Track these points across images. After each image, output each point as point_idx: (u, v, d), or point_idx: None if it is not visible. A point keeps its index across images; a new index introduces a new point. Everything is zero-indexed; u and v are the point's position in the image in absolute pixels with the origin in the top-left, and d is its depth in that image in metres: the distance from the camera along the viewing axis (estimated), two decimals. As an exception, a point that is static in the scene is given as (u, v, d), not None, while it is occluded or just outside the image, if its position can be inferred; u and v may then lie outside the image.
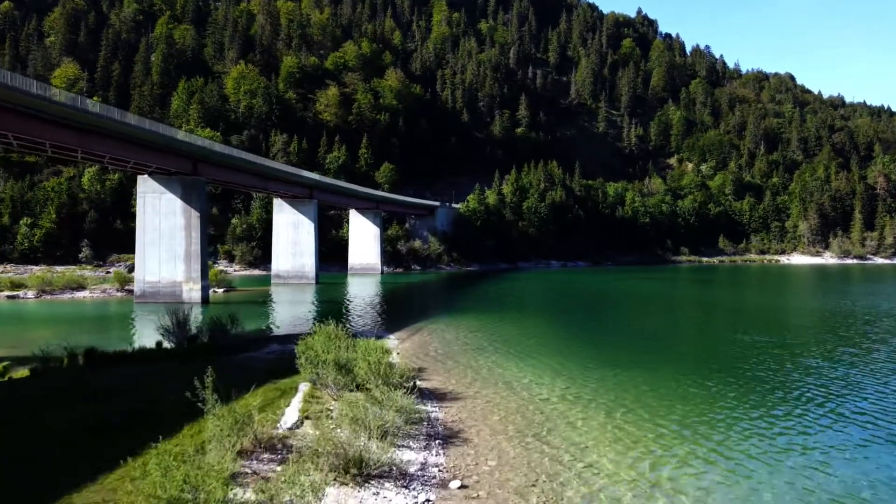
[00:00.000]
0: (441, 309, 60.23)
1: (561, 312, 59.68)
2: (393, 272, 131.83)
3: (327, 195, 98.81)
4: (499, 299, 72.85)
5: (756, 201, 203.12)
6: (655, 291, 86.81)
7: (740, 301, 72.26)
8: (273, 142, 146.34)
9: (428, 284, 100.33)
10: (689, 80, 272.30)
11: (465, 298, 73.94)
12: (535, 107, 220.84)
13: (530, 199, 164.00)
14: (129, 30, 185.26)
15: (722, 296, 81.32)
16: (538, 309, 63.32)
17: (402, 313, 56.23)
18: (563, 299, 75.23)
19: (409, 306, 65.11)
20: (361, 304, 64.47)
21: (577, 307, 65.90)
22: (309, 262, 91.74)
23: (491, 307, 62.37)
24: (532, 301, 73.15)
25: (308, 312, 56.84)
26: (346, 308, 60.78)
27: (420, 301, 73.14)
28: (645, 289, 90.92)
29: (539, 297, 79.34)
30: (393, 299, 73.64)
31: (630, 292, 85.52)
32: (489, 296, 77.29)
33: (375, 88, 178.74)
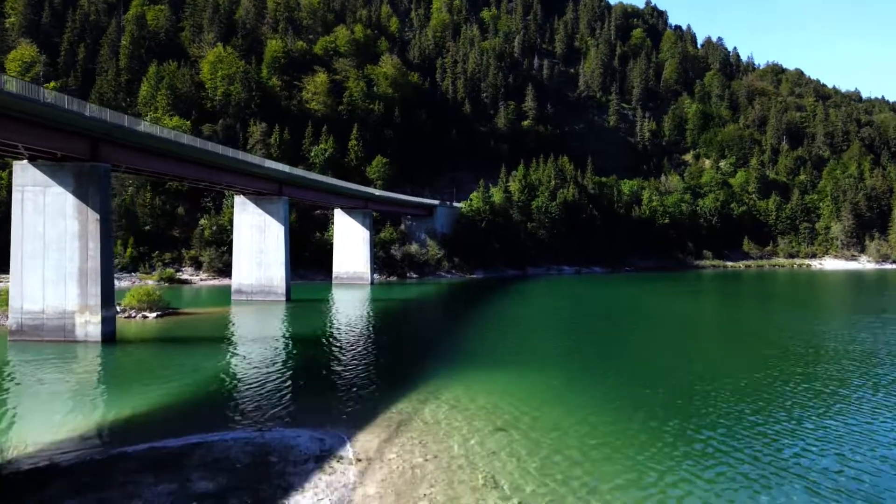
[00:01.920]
0: (438, 357, 41.57)
1: (622, 370, 41.14)
2: (386, 280, 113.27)
3: (301, 191, 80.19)
4: (516, 331, 54.27)
5: (783, 200, 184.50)
6: (716, 319, 68.27)
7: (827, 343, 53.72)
8: (251, 132, 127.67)
9: (425, 302, 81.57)
10: (703, 73, 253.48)
11: (471, 331, 55.32)
12: (541, 99, 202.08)
13: (540, 197, 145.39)
14: (102, 11, 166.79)
15: (797, 326, 62.80)
16: (582, 355, 44.71)
17: (382, 367, 37.61)
18: (608, 336, 56.57)
19: (395, 348, 46.46)
20: (328, 343, 45.91)
21: (630, 348, 47.35)
22: (277, 274, 73.16)
23: (508, 351, 43.86)
24: (564, 334, 54.55)
25: (238, 366, 38.28)
26: (302, 353, 42.24)
27: (411, 336, 54.30)
28: (696, 312, 72.45)
29: (568, 324, 60.77)
30: (376, 331, 54.97)
31: (681, 318, 66.93)
32: (502, 325, 58.67)
33: (369, 76, 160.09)
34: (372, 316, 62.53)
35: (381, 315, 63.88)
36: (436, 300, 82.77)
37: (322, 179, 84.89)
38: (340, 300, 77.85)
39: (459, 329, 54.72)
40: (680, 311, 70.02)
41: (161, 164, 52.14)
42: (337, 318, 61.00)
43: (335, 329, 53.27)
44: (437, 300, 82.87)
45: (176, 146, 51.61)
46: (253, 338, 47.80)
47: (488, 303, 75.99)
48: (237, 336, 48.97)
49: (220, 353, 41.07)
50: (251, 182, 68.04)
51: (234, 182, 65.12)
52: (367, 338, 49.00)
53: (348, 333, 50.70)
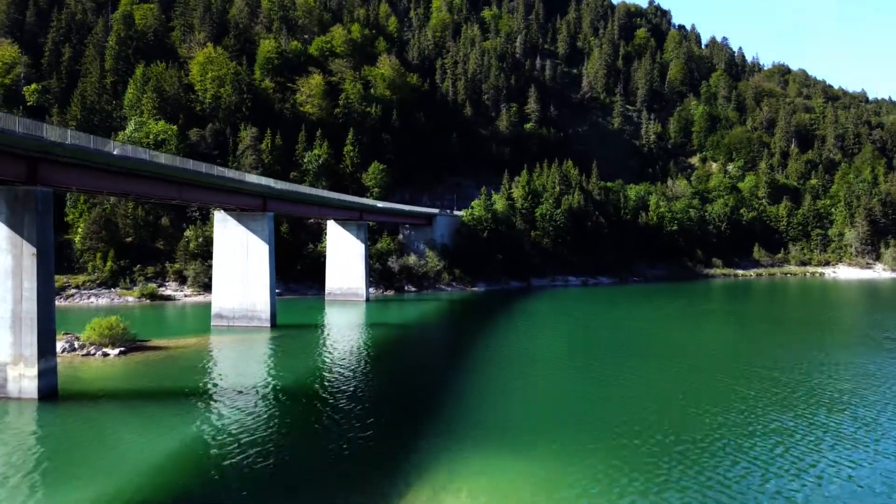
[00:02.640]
0: (434, 425, 34.76)
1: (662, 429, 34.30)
2: (382, 295, 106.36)
3: (289, 205, 73.39)
4: (533, 367, 47.44)
5: (794, 206, 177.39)
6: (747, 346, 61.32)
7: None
8: (241, 137, 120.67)
9: (425, 325, 74.55)
10: (708, 74, 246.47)
11: (476, 369, 48.48)
12: (544, 100, 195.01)
13: (545, 204, 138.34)
14: (89, 10, 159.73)
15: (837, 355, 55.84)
16: (601, 423, 37.92)
17: (369, 445, 30.69)
18: (626, 388, 49.66)
19: (387, 408, 39.61)
20: (311, 398, 39.07)
21: (656, 413, 40.52)
22: (262, 297, 66.24)
23: (524, 405, 37.05)
24: (577, 387, 47.67)
25: (203, 443, 31.46)
26: (280, 418, 35.30)
27: (406, 388, 47.27)
28: (717, 349, 65.62)
29: (579, 369, 53.84)
30: (366, 379, 48.07)
31: (703, 359, 60.08)
32: (511, 359, 51.80)
33: (366, 77, 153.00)
34: (363, 354, 55.22)
35: (374, 353, 56.63)
36: (434, 326, 75.67)
37: (311, 192, 77.88)
38: (331, 326, 70.90)
39: (458, 377, 47.71)
40: (698, 346, 63.22)
41: (117, 183, 45.14)
42: (324, 357, 53.73)
43: (321, 375, 46.22)
44: (435, 326, 75.79)
45: (135, 163, 44.63)
46: (227, 389, 40.76)
47: (490, 330, 69.07)
48: (209, 386, 41.87)
49: (183, 417, 34.13)
50: (231, 198, 61.14)
51: (211, 199, 58.30)
52: (356, 390, 41.97)
53: (335, 383, 43.57)
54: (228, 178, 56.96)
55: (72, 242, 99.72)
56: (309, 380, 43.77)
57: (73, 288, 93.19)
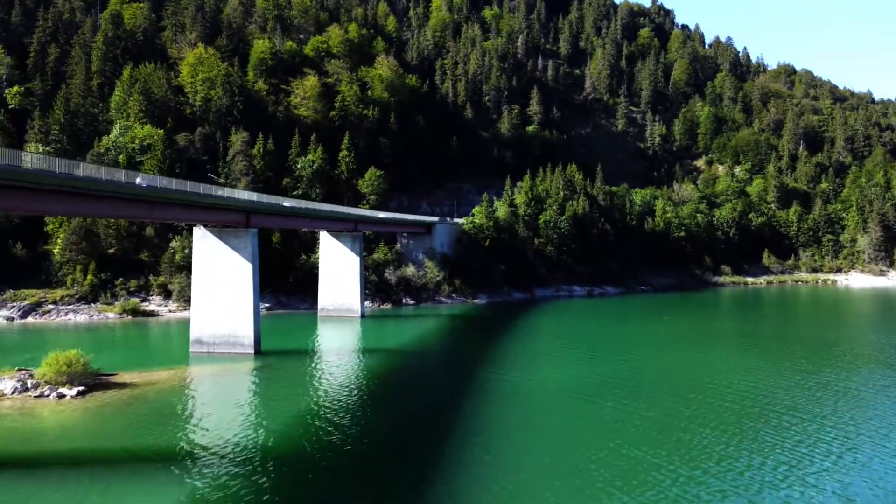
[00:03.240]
0: (441, 490, 28.99)
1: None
2: (379, 309, 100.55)
3: (275, 220, 67.64)
4: (542, 414, 41.63)
5: (804, 210, 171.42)
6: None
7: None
8: (231, 141, 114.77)
9: (423, 352, 68.47)
10: (713, 74, 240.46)
11: (481, 414, 42.68)
12: (546, 102, 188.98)
13: (548, 210, 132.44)
14: (78, 9, 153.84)
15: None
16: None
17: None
18: (639, 434, 43.76)
19: (382, 459, 33.87)
20: (296, 453, 33.19)
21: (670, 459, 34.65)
22: (244, 321, 60.36)
23: (533, 469, 31.22)
24: (596, 413, 41.80)
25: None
26: (251, 491, 29.39)
27: (402, 431, 41.33)
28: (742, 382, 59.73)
29: (596, 389, 47.96)
30: (361, 416, 42.30)
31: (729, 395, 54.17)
32: (516, 400, 46.01)
33: (363, 79, 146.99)
34: (356, 394, 48.77)
35: (368, 392, 50.29)
36: (433, 353, 69.50)
37: (299, 206, 71.84)
38: (321, 352, 64.95)
39: (460, 426, 41.87)
40: (722, 382, 57.42)
41: (75, 204, 39.27)
42: (312, 398, 47.44)
43: (309, 424, 40.09)
44: (434, 353, 69.63)
45: (86, 183, 38.71)
46: (197, 448, 34.65)
47: (491, 359, 63.21)
48: (176, 444, 35.59)
49: (137, 496, 28.26)
50: (209, 215, 55.29)
51: (187, 217, 52.62)
52: (348, 442, 36.05)
53: (325, 435, 37.39)
54: (203, 195, 51.03)
55: (50, 254, 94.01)
56: (296, 432, 37.76)
57: (51, 304, 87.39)
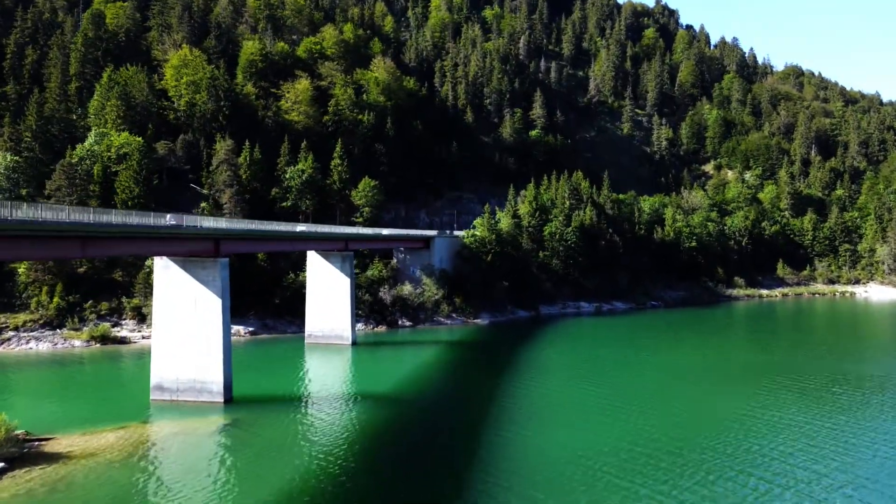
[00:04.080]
0: None
1: None
2: (373, 332, 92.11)
3: (251, 245, 59.07)
4: (555, 484, 33.18)
5: (819, 218, 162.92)
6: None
7: None
8: (216, 149, 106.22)
9: (422, 394, 60.01)
10: (720, 76, 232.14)
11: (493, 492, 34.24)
12: (550, 105, 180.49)
13: (554, 221, 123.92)
14: (61, 9, 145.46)
15: None
16: None
17: None
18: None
19: None
20: None
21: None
22: (214, 364, 51.91)
23: None
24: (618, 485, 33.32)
25: None
26: None
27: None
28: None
29: (614, 451, 39.50)
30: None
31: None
32: (536, 471, 37.56)
33: (358, 81, 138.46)
34: (343, 464, 40.53)
35: (358, 462, 42.28)
36: (433, 394, 61.20)
37: (276, 230, 63.06)
38: (305, 399, 56.24)
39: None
40: (769, 438, 49.05)
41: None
42: (291, 471, 38.96)
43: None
44: (434, 394, 61.34)
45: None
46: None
47: (499, 401, 54.83)
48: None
49: None
50: (168, 246, 46.90)
51: (136, 250, 44.24)
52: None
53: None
54: (154, 227, 42.54)
55: (15, 274, 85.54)
56: None
57: (11, 330, 78.87)
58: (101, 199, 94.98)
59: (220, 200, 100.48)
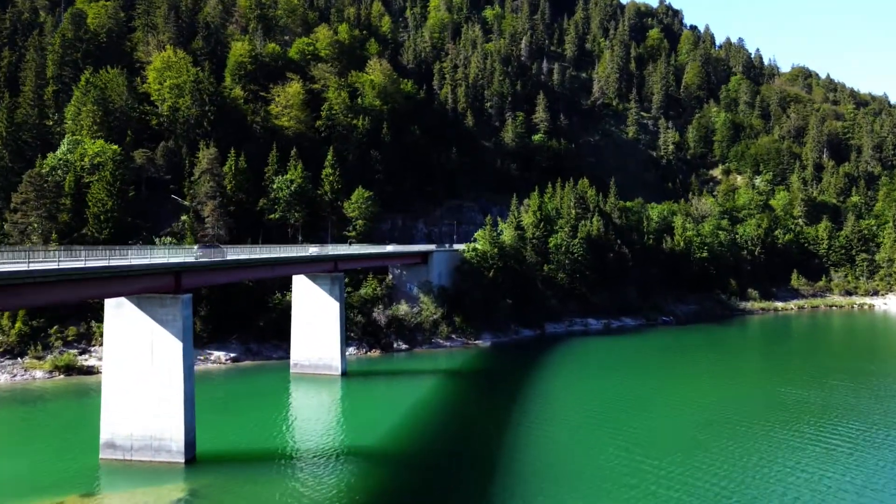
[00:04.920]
0: None
1: None
2: (366, 357, 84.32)
3: (222, 275, 51.16)
4: None
5: (834, 226, 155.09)
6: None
7: None
8: (199, 158, 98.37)
9: (420, 445, 52.22)
10: (727, 77, 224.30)
11: None
12: (553, 108, 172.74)
13: (560, 233, 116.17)
14: (42, 8, 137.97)
15: None
16: None
17: None
18: None
19: None
20: None
21: None
22: (174, 418, 44.12)
23: None
24: None
25: None
26: None
27: None
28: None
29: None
30: None
31: None
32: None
33: (353, 84, 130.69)
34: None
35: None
36: (433, 445, 53.59)
37: (247, 258, 54.75)
38: (285, 454, 48.36)
39: None
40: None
41: None
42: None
43: None
44: (434, 444, 53.73)
45: None
46: None
47: (508, 458, 47.11)
48: None
49: None
50: (115, 286, 39.09)
51: (88, 293, 36.46)
52: None
53: None
54: (85, 270, 34.71)
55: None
56: None
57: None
58: (72, 213, 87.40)
59: (201, 213, 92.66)
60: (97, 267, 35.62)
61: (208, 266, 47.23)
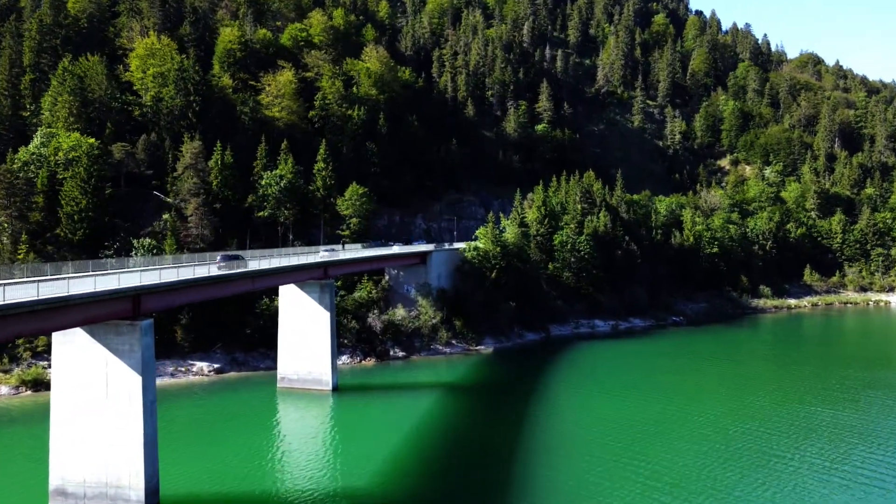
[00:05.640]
0: None
1: None
2: (360, 366, 78.37)
3: (189, 293, 44.77)
4: None
5: (848, 219, 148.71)
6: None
7: None
8: (182, 152, 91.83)
9: (419, 479, 46.26)
10: (734, 64, 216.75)
11: None
12: (557, 97, 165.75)
13: (565, 229, 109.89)
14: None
15: None
16: None
17: None
18: None
19: None
20: None
21: None
22: (133, 461, 38.12)
23: None
24: None
25: None
26: None
27: None
28: None
29: None
30: None
31: None
32: None
33: (348, 72, 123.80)
34: None
35: None
36: (433, 465, 47.81)
37: (217, 275, 48.15)
38: (266, 494, 42.41)
39: None
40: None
41: None
42: None
43: None
44: (434, 465, 47.95)
45: None
46: None
47: (507, 493, 41.25)
48: None
49: None
50: (56, 319, 32.94)
51: (28, 328, 30.31)
52: None
53: None
54: (17, 305, 28.53)
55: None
56: None
57: (-74, 375, 65.28)
58: (45, 212, 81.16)
59: (184, 212, 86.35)
60: (25, 302, 29.44)
61: (173, 287, 40.95)
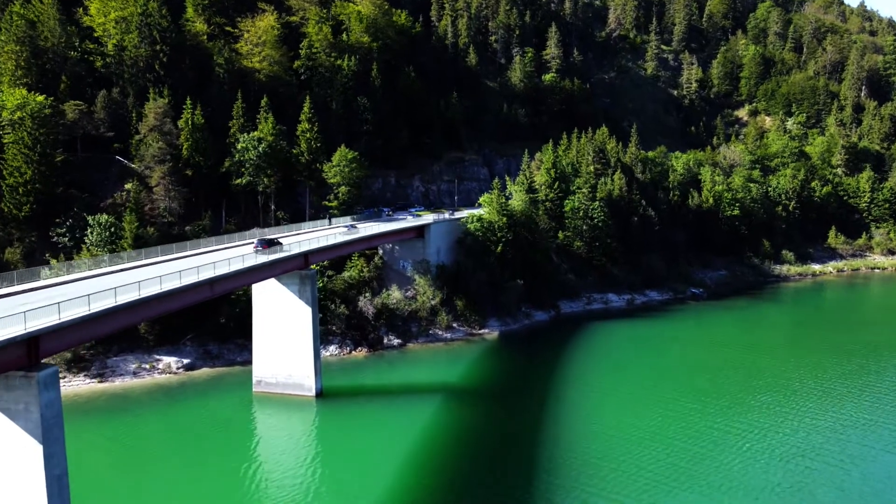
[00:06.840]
0: None
1: None
2: (350, 358, 69.16)
3: (109, 323, 34.54)
4: None
5: (877, 176, 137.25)
6: None
7: None
8: (147, 110, 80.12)
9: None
10: (754, 5, 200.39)
11: None
12: (566, 43, 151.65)
13: (577, 194, 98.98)
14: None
15: None
16: None
17: None
18: None
19: None
20: None
21: None
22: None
23: None
24: None
25: None
26: None
27: None
28: None
29: None
30: None
31: None
32: None
33: (337, 17, 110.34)
34: None
35: None
36: (436, 489, 38.97)
37: (164, 291, 37.40)
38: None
39: None
40: None
41: None
42: None
43: None
44: (438, 489, 39.10)
45: None
46: None
47: None
48: None
49: None
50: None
51: None
52: None
53: None
54: None
55: None
56: None
57: None
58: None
59: (149, 182, 75.51)
60: None
61: (87, 319, 30.77)
